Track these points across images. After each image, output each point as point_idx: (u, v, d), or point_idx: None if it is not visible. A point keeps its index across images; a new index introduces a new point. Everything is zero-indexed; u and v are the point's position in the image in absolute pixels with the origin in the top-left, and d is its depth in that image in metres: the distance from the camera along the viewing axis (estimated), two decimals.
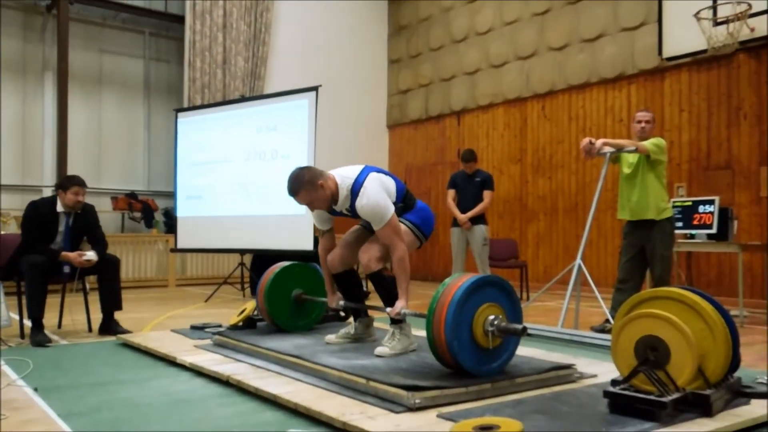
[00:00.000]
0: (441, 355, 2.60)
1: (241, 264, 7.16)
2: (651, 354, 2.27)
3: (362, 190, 3.05)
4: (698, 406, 2.22)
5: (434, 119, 9.69)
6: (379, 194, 3.05)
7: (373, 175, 3.13)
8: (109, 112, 8.58)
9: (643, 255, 4.53)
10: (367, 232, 3.36)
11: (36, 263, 4.07)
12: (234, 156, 6.96)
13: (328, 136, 7.80)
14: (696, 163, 6.64)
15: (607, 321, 4.37)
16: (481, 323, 2.57)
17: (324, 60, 9.51)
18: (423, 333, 3.70)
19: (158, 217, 8.60)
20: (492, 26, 8.75)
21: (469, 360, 2.55)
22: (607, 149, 4.46)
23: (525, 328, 2.57)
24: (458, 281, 2.61)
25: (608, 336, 3.75)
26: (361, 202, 3.05)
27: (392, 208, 3.08)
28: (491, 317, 2.58)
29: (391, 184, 3.21)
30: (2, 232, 6.89)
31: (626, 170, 4.56)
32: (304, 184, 3.07)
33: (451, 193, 6.29)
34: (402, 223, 3.20)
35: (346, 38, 9.93)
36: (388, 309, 3.09)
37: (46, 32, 8.05)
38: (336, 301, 3.43)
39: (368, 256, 3.17)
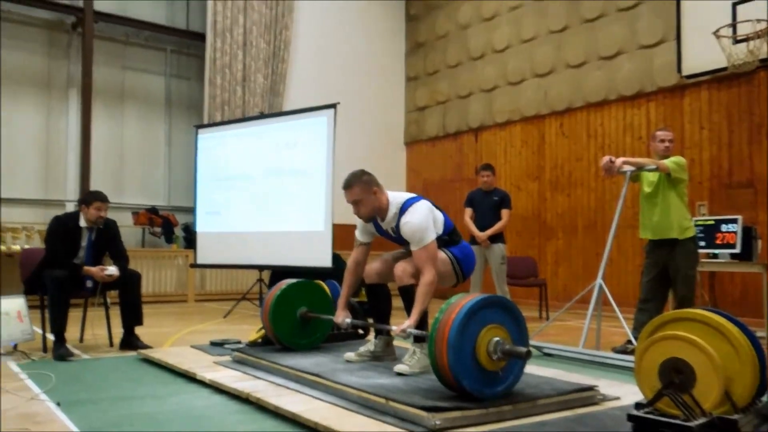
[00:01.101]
0: (444, 377, 2.55)
1: (260, 280, 7.19)
2: (676, 377, 2.24)
3: (411, 209, 3.16)
4: (725, 431, 2.17)
5: (452, 136, 9.71)
6: (424, 217, 3.14)
7: (424, 201, 3.25)
8: (130, 127, 8.71)
9: (666, 274, 4.47)
10: (409, 255, 3.37)
11: (59, 278, 4.12)
12: (253, 172, 7.02)
13: (347, 152, 7.83)
14: (717, 181, 6.58)
15: (629, 342, 4.31)
16: (484, 345, 2.51)
17: (342, 77, 9.60)
18: None
19: (178, 232, 8.67)
20: (509, 43, 8.77)
21: (472, 383, 2.50)
22: (627, 168, 4.43)
23: (529, 352, 2.52)
24: (461, 302, 2.57)
25: (630, 357, 3.70)
26: (405, 219, 3.14)
27: (433, 235, 3.15)
28: (495, 339, 2.53)
29: (439, 216, 3.31)
30: (26, 246, 6.99)
31: (647, 189, 4.53)
32: (361, 183, 3.19)
33: (469, 211, 6.29)
34: (444, 252, 3.25)
35: (364, 55, 10.02)
36: (394, 327, 3.12)
37: (71, 49, 8.21)
38: (343, 318, 3.44)
39: (402, 269, 3.19)
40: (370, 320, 3.59)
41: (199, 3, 9.11)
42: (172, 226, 8.59)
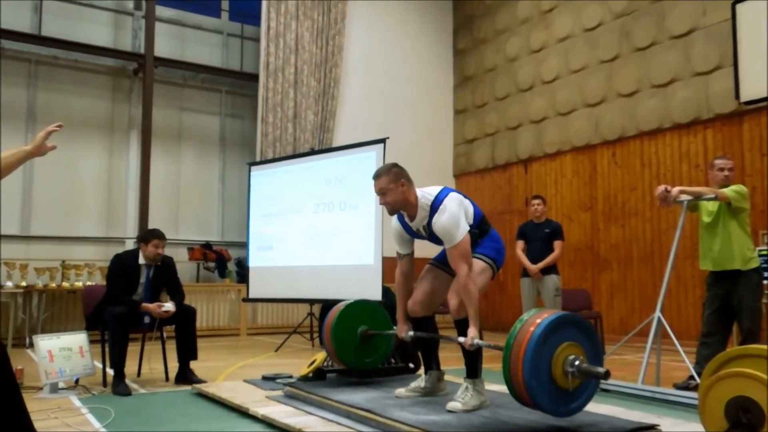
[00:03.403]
0: (518, 394, 2.51)
1: (311, 314, 7.24)
2: (743, 416, 2.13)
3: (442, 206, 3.10)
4: None
5: (501, 168, 9.66)
6: (456, 214, 3.08)
7: (453, 195, 3.17)
8: (187, 166, 9.02)
9: (729, 307, 4.29)
10: (440, 271, 3.33)
11: (119, 314, 4.25)
12: (303, 207, 7.14)
13: None
14: None
15: (692, 377, 4.13)
16: (560, 363, 2.48)
17: (391, 111, 9.73)
18: (496, 387, 3.62)
19: (231, 266, 8.86)
20: (558, 74, 8.73)
21: (546, 400, 2.46)
22: (684, 197, 4.31)
23: (608, 372, 2.46)
24: (537, 318, 2.53)
25: (693, 394, 3.54)
26: (438, 218, 3.08)
27: (466, 230, 3.08)
28: (571, 357, 2.49)
29: (469, 207, 3.24)
30: (88, 283, 7.27)
31: (706, 219, 4.38)
32: (390, 174, 3.16)
33: (520, 243, 6.20)
34: (481, 260, 3.17)
35: (412, 90, 10.15)
36: (461, 338, 3.00)
37: (133, 93, 8.61)
38: (405, 331, 3.37)
39: (457, 302, 3.07)
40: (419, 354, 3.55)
41: (253, 45, 9.45)
42: (225, 261, 8.78)
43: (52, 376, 4.08)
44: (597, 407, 3.23)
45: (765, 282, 4.80)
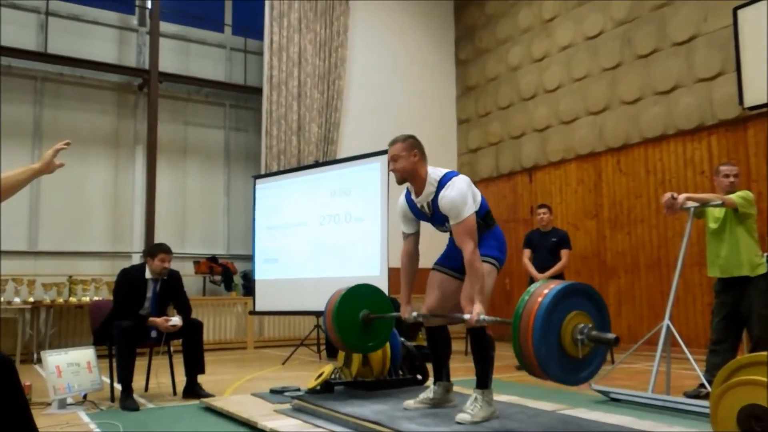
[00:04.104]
0: (527, 364, 2.51)
1: (317, 326, 7.23)
2: (756, 425, 2.12)
3: (450, 183, 3.12)
4: None
5: (505, 177, 9.66)
6: (464, 191, 3.09)
7: (463, 176, 3.20)
8: (192, 179, 9.05)
9: (738, 314, 4.26)
10: (445, 276, 3.30)
11: (126, 329, 4.25)
12: (309, 219, 7.15)
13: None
14: None
15: (702, 386, 4.10)
16: (569, 331, 2.49)
17: (394, 122, 9.73)
18: (505, 398, 3.60)
19: (237, 280, 8.86)
20: (561, 83, 8.75)
21: (556, 369, 2.47)
22: (691, 204, 4.30)
23: (618, 338, 2.47)
24: (544, 288, 2.54)
25: (704, 402, 3.51)
26: (444, 193, 3.09)
27: (472, 209, 3.09)
28: (581, 325, 2.50)
29: (477, 194, 3.25)
30: (95, 298, 7.28)
31: (713, 225, 4.37)
32: (405, 143, 3.23)
33: (527, 252, 6.20)
34: (487, 262, 3.14)
35: (415, 101, 10.18)
36: (466, 316, 2.97)
37: (138, 109, 8.67)
38: (409, 312, 3.35)
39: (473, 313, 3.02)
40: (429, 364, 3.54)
41: (257, 58, 9.51)
42: (231, 274, 8.78)
43: (60, 392, 4.08)
44: (608, 417, 3.21)
45: None
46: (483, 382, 3.05)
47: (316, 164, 8.14)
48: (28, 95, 8.02)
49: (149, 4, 8.62)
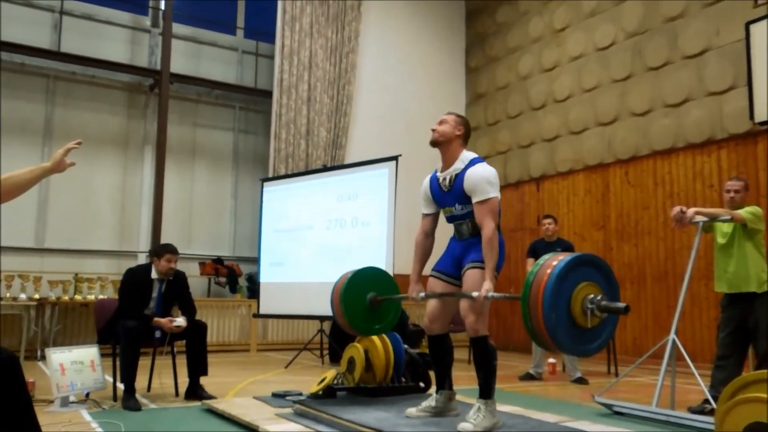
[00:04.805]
0: (537, 334, 2.52)
1: (321, 331, 7.22)
2: None
3: (481, 164, 3.19)
4: None
5: (513, 185, 9.65)
6: (493, 174, 3.16)
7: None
8: (200, 181, 9.08)
9: (745, 329, 4.23)
10: (444, 283, 3.28)
11: (131, 329, 4.26)
12: (316, 223, 7.15)
13: (408, 203, 7.87)
14: None
15: (707, 401, 4.07)
16: (579, 301, 2.50)
17: (403, 128, 9.76)
18: (508, 408, 3.59)
19: (242, 282, 8.87)
20: (571, 93, 8.74)
21: (566, 338, 2.48)
22: (700, 218, 4.28)
23: (628, 306, 2.48)
24: (553, 260, 2.55)
25: (708, 418, 3.49)
26: (474, 170, 3.15)
27: (497, 193, 3.13)
28: (591, 296, 2.50)
29: (498, 192, 3.24)
30: (101, 297, 7.30)
31: (721, 240, 4.34)
32: (459, 117, 3.35)
33: (531, 261, 6.17)
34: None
35: (424, 108, 10.17)
36: (475, 294, 2.95)
37: (148, 109, 8.72)
38: (417, 291, 3.34)
39: (474, 318, 3.03)
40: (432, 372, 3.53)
41: (268, 62, 9.55)
42: (236, 276, 8.80)
43: (63, 390, 4.09)
44: (610, 430, 3.19)
45: None
46: (486, 391, 3.04)
47: (324, 168, 8.15)
48: (40, 93, 8.08)
49: (162, 6, 8.67)
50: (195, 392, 4.44)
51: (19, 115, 7.76)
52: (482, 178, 3.11)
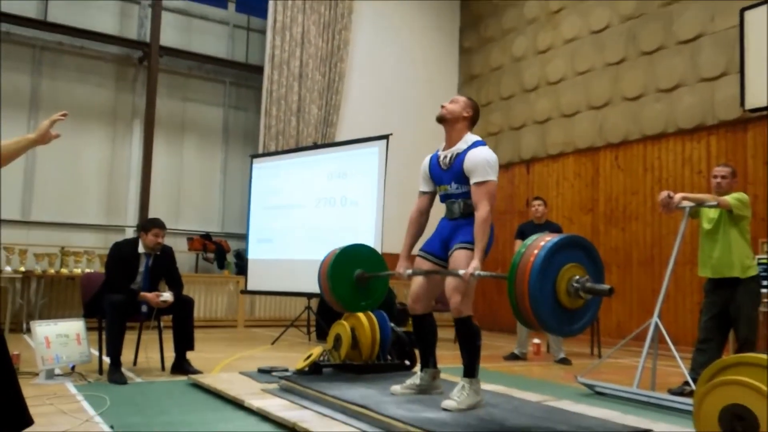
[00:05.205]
0: (522, 313, 2.55)
1: (308, 308, 7.25)
2: (738, 424, 2.14)
3: (484, 147, 3.20)
4: None
5: (503, 168, 9.62)
6: (494, 157, 3.17)
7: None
8: (189, 156, 9.01)
9: (726, 314, 4.29)
10: (431, 264, 3.28)
11: (117, 303, 4.25)
12: (305, 201, 7.13)
13: (398, 183, 7.88)
14: None
15: (687, 383, 4.14)
16: (565, 282, 2.52)
17: (395, 108, 9.71)
18: (491, 387, 3.63)
19: (230, 258, 8.86)
20: (564, 76, 8.72)
21: (551, 318, 2.51)
22: (686, 204, 4.31)
23: (612, 288, 2.51)
24: (540, 241, 2.58)
25: (688, 400, 3.55)
26: (476, 151, 3.16)
27: (495, 177, 3.14)
28: (576, 277, 2.53)
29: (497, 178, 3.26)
30: (87, 270, 7.27)
31: (706, 226, 4.38)
32: (470, 100, 3.41)
33: (518, 243, 6.18)
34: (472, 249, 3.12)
35: (417, 87, 10.13)
36: (461, 271, 2.97)
37: (137, 83, 8.61)
38: (405, 268, 3.34)
39: (459, 299, 3.03)
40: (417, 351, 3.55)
41: (259, 37, 9.44)
42: (224, 252, 8.78)
43: (48, 363, 4.09)
44: (592, 410, 3.24)
45: (763, 291, 4.81)
46: (470, 371, 3.07)
47: (315, 146, 8.12)
48: (27, 64, 7.95)
49: None
50: (181, 367, 4.45)
51: (5, 86, 7.63)
52: (483, 160, 3.13)
